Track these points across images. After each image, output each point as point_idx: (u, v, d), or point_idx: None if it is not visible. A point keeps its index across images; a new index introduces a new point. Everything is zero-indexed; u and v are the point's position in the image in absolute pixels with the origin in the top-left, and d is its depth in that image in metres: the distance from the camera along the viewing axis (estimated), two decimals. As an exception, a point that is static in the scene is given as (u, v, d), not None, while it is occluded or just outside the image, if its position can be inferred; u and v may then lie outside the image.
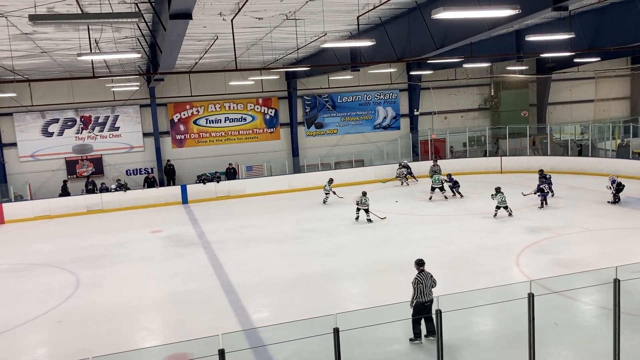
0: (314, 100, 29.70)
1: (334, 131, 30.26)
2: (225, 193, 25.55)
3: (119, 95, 26.35)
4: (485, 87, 32.42)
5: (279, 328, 9.82)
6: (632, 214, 18.08)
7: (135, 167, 27.52)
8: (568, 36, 15.14)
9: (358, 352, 9.41)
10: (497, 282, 12.21)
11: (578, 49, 19.15)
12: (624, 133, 29.98)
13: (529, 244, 15.21)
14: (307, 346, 8.90)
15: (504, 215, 18.23)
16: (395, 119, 31.09)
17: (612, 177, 19.70)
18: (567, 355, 9.34)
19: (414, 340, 9.39)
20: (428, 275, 9.55)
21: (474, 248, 15.01)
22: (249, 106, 28.74)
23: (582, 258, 13.66)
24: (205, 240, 18.03)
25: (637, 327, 9.63)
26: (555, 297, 10.85)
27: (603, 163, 25.75)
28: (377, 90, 30.51)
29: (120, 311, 12.28)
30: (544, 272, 12.58)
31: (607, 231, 16.23)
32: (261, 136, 29.13)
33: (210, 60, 22.84)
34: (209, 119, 28.22)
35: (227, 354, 6.05)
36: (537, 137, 30.07)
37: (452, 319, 6.53)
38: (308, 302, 12.08)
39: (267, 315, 11.56)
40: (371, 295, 12.48)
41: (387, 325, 9.99)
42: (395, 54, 16.86)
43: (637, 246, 14.79)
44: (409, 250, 14.87)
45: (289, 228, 18.93)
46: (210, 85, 27.42)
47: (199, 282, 13.87)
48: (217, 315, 11.72)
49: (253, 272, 14.53)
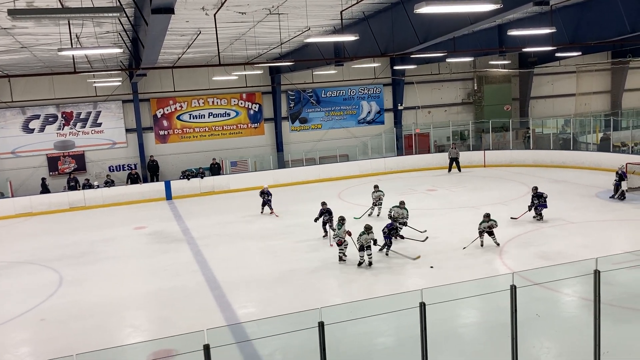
0: (298, 95, 29.65)
1: (318, 126, 30.25)
2: (210, 189, 25.45)
3: (101, 91, 26.06)
4: (468, 81, 32.60)
5: (264, 323, 9.84)
6: (612, 207, 18.34)
7: (118, 164, 27.28)
8: (549, 31, 15.25)
9: (343, 346, 9.46)
10: (481, 275, 12.35)
11: (559, 44, 19.33)
12: (604, 127, 30.37)
13: (512, 237, 15.36)
14: (292, 341, 8.93)
15: (490, 243, 14.71)
16: (380, 114, 31.16)
17: (620, 170, 19.30)
18: (549, 346, 9.48)
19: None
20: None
21: (459, 241, 15.12)
22: (232, 101, 28.61)
23: (565, 250, 13.85)
24: (190, 237, 17.95)
25: (617, 317, 9.79)
26: (538, 289, 10.99)
27: (585, 156, 26.08)
28: (361, 85, 30.54)
29: (104, 308, 12.19)
30: (526, 264, 12.73)
31: (589, 224, 16.46)
32: (245, 131, 29.02)
33: (193, 55, 22.68)
34: (192, 115, 28.05)
35: (213, 350, 6.04)
36: (519, 131, 30.36)
37: (436, 312, 6.58)
38: (293, 297, 12.11)
39: (252, 311, 11.56)
40: (356, 289, 12.53)
41: (372, 318, 10.05)
42: (379, 49, 16.88)
43: (617, 238, 15.03)
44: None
45: (273, 224, 18.92)
46: (194, 81, 27.25)
47: (183, 279, 13.82)
48: (202, 311, 11.68)
49: (238, 267, 14.51)
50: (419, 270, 13.29)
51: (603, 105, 35.53)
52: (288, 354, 9.57)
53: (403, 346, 9.61)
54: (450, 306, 9.72)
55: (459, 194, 21.77)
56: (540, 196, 16.85)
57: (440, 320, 9.71)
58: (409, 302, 6.78)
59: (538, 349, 9.14)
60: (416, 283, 12.38)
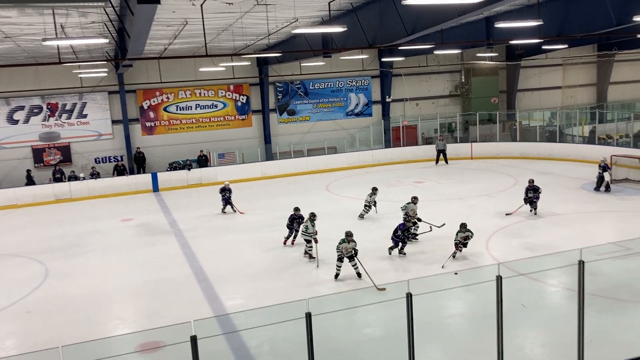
0: (285, 87, 29.55)
1: (306, 118, 30.20)
2: (197, 181, 25.35)
3: (86, 82, 25.79)
4: (456, 73, 32.68)
5: (252, 314, 9.84)
6: (597, 199, 18.53)
7: (104, 155, 27.04)
8: (536, 23, 15.30)
9: (331, 337, 9.50)
10: (467, 266, 12.45)
11: (546, 36, 19.42)
12: (590, 119, 30.64)
13: (498, 228, 15.48)
14: (280, 332, 8.95)
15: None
16: (367, 106, 31.16)
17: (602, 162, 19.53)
18: (534, 336, 9.59)
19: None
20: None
21: (446, 232, 15.20)
22: (220, 93, 28.45)
23: (550, 242, 13.97)
24: (177, 229, 17.88)
25: (601, 307, 9.92)
26: (524, 280, 11.10)
27: (571, 149, 26.31)
28: (349, 76, 30.50)
29: (91, 301, 12.13)
30: (513, 255, 12.83)
31: (575, 215, 16.62)
32: (233, 123, 28.89)
33: (180, 46, 22.49)
34: (179, 106, 27.85)
35: (200, 341, 6.03)
36: (506, 123, 30.52)
37: (423, 303, 6.62)
38: (281, 289, 12.11)
39: (240, 303, 11.56)
40: (344, 281, 12.57)
41: (360, 309, 10.10)
42: (367, 40, 16.86)
43: (602, 230, 15.20)
44: (379, 236, 15.00)
45: (262, 215, 18.90)
46: (181, 72, 27.05)
47: (171, 271, 13.77)
48: (190, 303, 11.66)
49: (226, 260, 14.49)
50: (407, 263, 13.34)
51: (589, 98, 35.82)
52: (276, 345, 9.59)
53: (390, 337, 9.66)
54: (437, 297, 9.80)
55: (446, 186, 21.87)
56: (535, 190, 16.60)
57: (427, 311, 9.78)
58: (397, 293, 6.81)
59: (523, 339, 9.25)
60: (403, 275, 12.44)
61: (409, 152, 28.85)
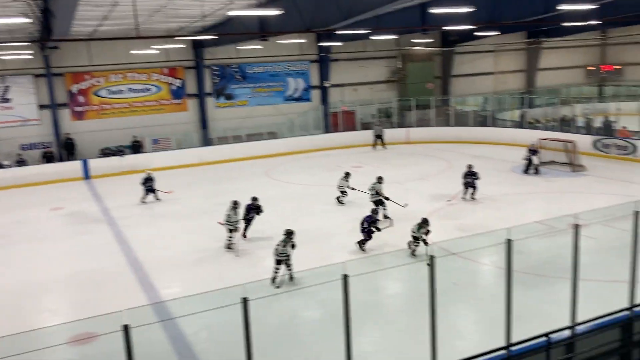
0: (222, 71, 29.02)
1: (244, 102, 29.80)
2: (131, 167, 24.54)
3: (9, 64, 24.36)
4: (392, 59, 33.06)
5: (188, 302, 9.69)
6: (527, 181, 19.34)
7: (31, 142, 25.70)
8: (469, 10, 15.71)
9: (269, 321, 9.50)
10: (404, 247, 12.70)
11: (478, 23, 19.96)
12: (520, 104, 31.83)
13: (433, 210, 15.88)
14: (217, 318, 8.87)
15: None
16: (306, 91, 31.09)
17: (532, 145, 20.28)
18: (466, 314, 9.95)
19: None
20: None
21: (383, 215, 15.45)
22: (153, 76, 27.58)
23: (482, 222, 14.48)
24: (110, 217, 17.32)
25: (529, 284, 10.41)
26: (458, 259, 11.46)
27: (502, 133, 27.31)
28: (288, 61, 30.28)
29: (21, 293, 11.61)
30: (446, 236, 13.18)
31: (505, 197, 17.28)
32: (168, 107, 28.11)
33: (110, 27, 21.63)
34: (110, 90, 26.82)
35: (135, 330, 5.87)
36: (441, 108, 31.23)
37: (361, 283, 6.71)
38: (218, 276, 12.00)
39: (177, 291, 11.37)
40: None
41: (297, 293, 10.16)
42: (304, 25, 16.78)
43: (531, 211, 15.90)
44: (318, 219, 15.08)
45: (199, 202, 18.59)
46: (112, 55, 25.94)
47: (104, 261, 13.36)
48: (125, 292, 11.37)
49: (162, 247, 14.19)
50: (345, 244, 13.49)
51: (519, 84, 37.21)
52: (213, 332, 9.51)
53: (326, 319, 9.77)
54: (375, 277, 9.97)
55: (384, 170, 22.15)
56: (473, 174, 16.89)
57: (364, 292, 9.94)
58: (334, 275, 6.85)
59: (456, 316, 9.56)
60: (343, 256, 12.56)
61: (347, 137, 29.06)
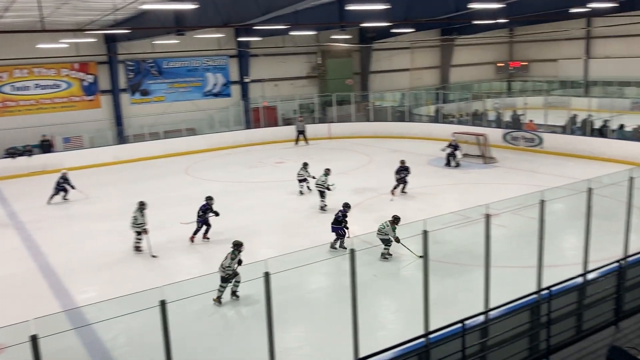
0: (137, 66, 28.03)
1: (161, 98, 28.93)
2: (41, 168, 23.22)
3: None
4: (312, 55, 33.25)
5: (106, 306, 9.29)
6: (444, 173, 20.07)
7: None
8: (384, 7, 16.04)
9: (190, 323, 9.32)
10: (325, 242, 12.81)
11: (394, 20, 20.44)
12: (435, 100, 32.97)
13: (354, 204, 16.09)
14: (135, 322, 8.58)
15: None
16: (226, 86, 30.64)
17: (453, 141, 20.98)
18: (387, 304, 10.20)
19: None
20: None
21: (306, 210, 15.54)
22: (63, 72, 26.19)
23: (402, 214, 14.78)
24: (18, 221, 16.32)
25: (445, 272, 10.82)
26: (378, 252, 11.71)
27: (418, 127, 28.23)
28: (206, 56, 29.71)
29: None
30: (367, 229, 13.44)
31: (423, 189, 17.83)
32: (79, 104, 26.80)
33: (13, 19, 20.33)
34: (15, 86, 25.20)
35: (46, 339, 5.55)
36: (360, 104, 31.76)
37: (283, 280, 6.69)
38: (137, 278, 11.61)
39: (93, 295, 10.89)
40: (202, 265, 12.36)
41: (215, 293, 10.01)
42: (221, 19, 16.51)
43: (448, 202, 16.49)
44: (240, 217, 14.93)
45: (116, 202, 17.87)
46: (15, 49, 24.37)
47: (11, 267, 12.59)
48: (35, 299, 10.78)
49: (76, 250, 13.55)
50: (269, 241, 13.44)
51: (434, 80, 38.53)
52: (131, 336, 9.19)
53: (250, 317, 9.71)
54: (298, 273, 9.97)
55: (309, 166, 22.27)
56: (406, 169, 17.09)
57: (287, 288, 9.94)
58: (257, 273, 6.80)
59: (378, 307, 9.78)
60: (265, 253, 12.49)
61: (269, 133, 28.95)
